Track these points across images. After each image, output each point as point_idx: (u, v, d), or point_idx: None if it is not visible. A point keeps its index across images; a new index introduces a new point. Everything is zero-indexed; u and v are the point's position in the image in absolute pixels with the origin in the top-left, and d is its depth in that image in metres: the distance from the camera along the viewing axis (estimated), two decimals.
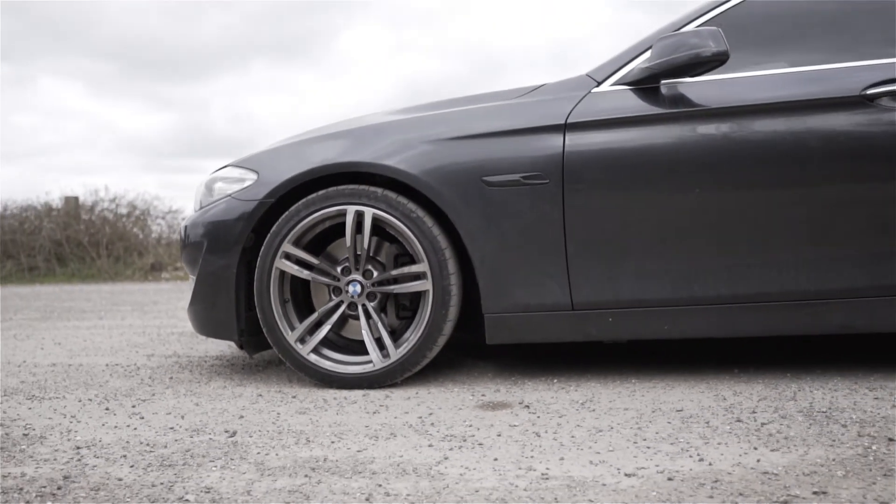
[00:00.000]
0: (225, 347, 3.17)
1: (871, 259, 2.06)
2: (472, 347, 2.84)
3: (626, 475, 1.37)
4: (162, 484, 1.39)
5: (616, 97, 2.17)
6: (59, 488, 1.38)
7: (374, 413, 1.91)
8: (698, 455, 1.48)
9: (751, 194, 2.09)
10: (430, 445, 1.60)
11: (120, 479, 1.42)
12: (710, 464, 1.43)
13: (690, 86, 2.14)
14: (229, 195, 2.35)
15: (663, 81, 2.15)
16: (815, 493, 1.26)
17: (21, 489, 1.38)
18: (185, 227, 2.47)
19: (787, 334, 2.16)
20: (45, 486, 1.39)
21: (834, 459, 1.43)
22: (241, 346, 2.40)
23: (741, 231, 2.09)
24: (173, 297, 6.43)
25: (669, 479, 1.35)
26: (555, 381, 2.23)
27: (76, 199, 11.20)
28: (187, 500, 1.30)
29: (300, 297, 2.38)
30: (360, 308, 2.24)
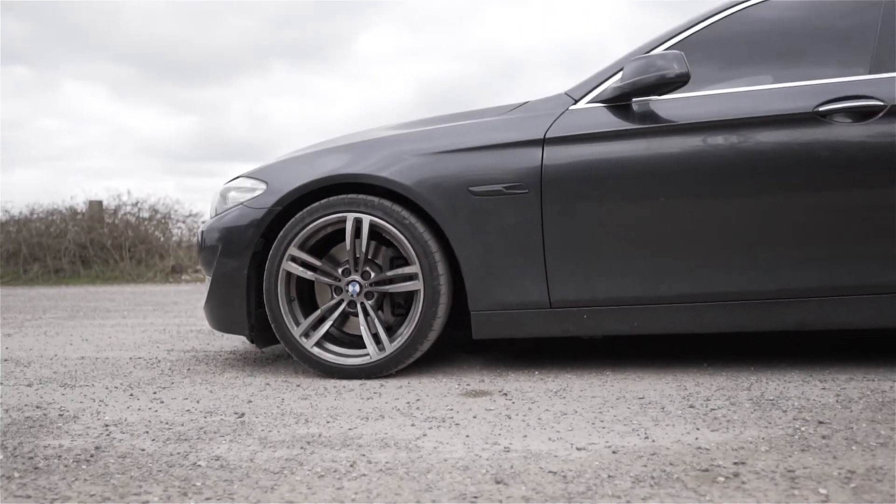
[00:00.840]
0: (238, 344, 3.41)
1: (823, 261, 2.25)
2: (465, 343, 3.06)
3: (577, 449, 1.58)
4: (179, 453, 1.62)
5: (591, 114, 2.38)
6: (91, 456, 1.62)
7: (368, 399, 2.14)
8: (645, 434, 1.69)
9: (712, 202, 2.29)
10: (413, 425, 1.82)
11: (143, 450, 1.66)
12: (654, 441, 1.63)
13: (659, 103, 2.35)
14: (241, 203, 2.59)
15: (634, 99, 2.35)
16: (734, 463, 1.46)
17: (60, 456, 1.62)
18: (202, 231, 2.72)
19: (746, 331, 2.35)
20: (80, 455, 1.63)
21: (763, 438, 1.63)
22: (251, 341, 2.64)
23: (703, 236, 2.29)
24: (193, 298, 6.71)
25: (613, 452, 1.56)
26: (535, 373, 2.44)
27: (100, 203, 11.57)
28: (199, 465, 1.53)
29: (305, 296, 2.61)
30: (358, 306, 2.47)
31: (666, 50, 2.37)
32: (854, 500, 1.25)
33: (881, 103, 2.22)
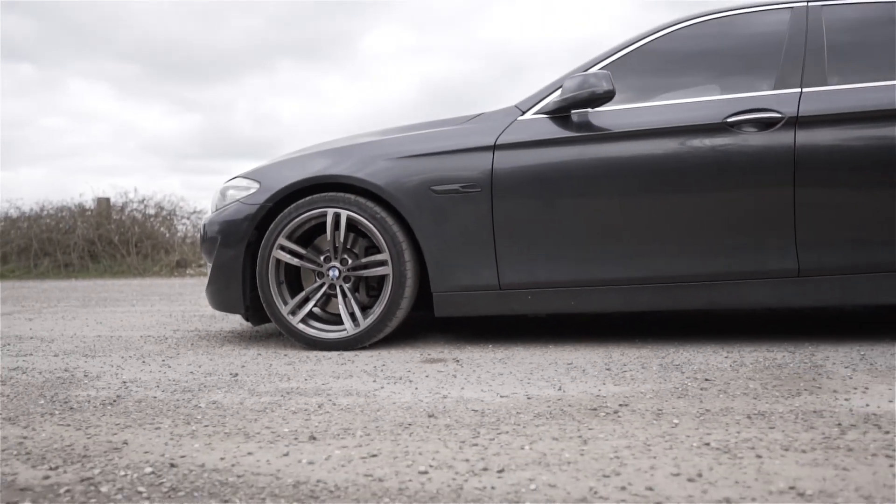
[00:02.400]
0: (236, 326, 3.82)
1: (730, 250, 2.64)
2: (434, 323, 3.46)
3: (500, 396, 1.99)
4: (183, 399, 2.03)
5: (536, 124, 2.78)
6: (114, 401, 2.02)
7: (342, 364, 2.54)
8: (560, 387, 2.09)
9: (637, 199, 2.69)
10: (374, 381, 2.23)
11: (155, 397, 2.06)
12: (564, 391, 2.03)
13: (594, 114, 2.75)
14: (238, 200, 3.00)
15: (573, 111, 2.75)
16: (619, 405, 1.86)
17: (89, 401, 2.02)
18: (204, 225, 3.12)
19: (664, 309, 2.75)
20: (104, 400, 2.03)
21: (653, 390, 2.03)
22: (246, 319, 3.04)
23: (630, 228, 2.68)
24: (197, 290, 7.12)
25: (528, 398, 1.96)
26: (489, 346, 2.85)
27: (108, 200, 12.00)
28: (200, 407, 1.93)
29: (292, 280, 3.01)
30: (338, 288, 2.87)
31: (598, 70, 2.76)
32: (696, 427, 1.64)
33: (780, 115, 2.61)
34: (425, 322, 3.58)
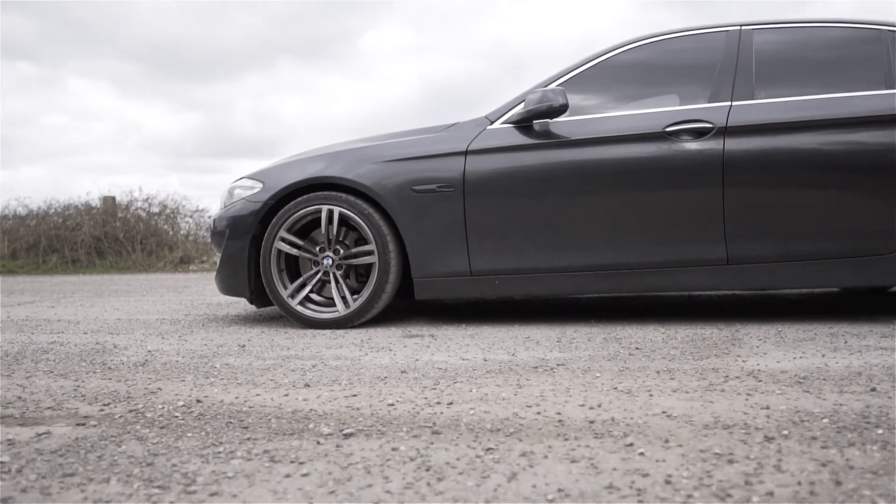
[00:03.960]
0: (241, 310, 4.24)
1: (670, 242, 3.06)
2: (428, 309, 3.89)
3: (462, 359, 2.41)
4: (201, 363, 2.45)
5: (502, 132, 3.20)
6: (143, 364, 2.45)
7: (334, 339, 2.97)
8: (513, 353, 2.51)
9: (591, 197, 3.11)
10: (360, 350, 2.65)
11: (177, 361, 2.49)
12: (515, 356, 2.46)
13: (553, 124, 3.17)
14: (244, 198, 3.42)
15: (535, 121, 3.17)
16: (557, 365, 2.28)
17: (122, 364, 2.45)
18: (214, 220, 3.55)
19: (613, 293, 3.17)
20: (135, 363, 2.46)
21: (590, 356, 2.45)
22: (251, 302, 3.46)
23: (584, 222, 3.10)
24: (201, 283, 7.54)
25: (485, 360, 2.38)
26: (462, 325, 3.27)
27: (113, 198, 12.42)
28: (215, 367, 2.36)
29: (291, 268, 3.43)
30: (331, 275, 3.29)
31: (555, 86, 3.18)
32: (612, 378, 2.06)
33: (712, 125, 3.03)
34: (410, 308, 4.00)
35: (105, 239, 11.77)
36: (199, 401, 1.87)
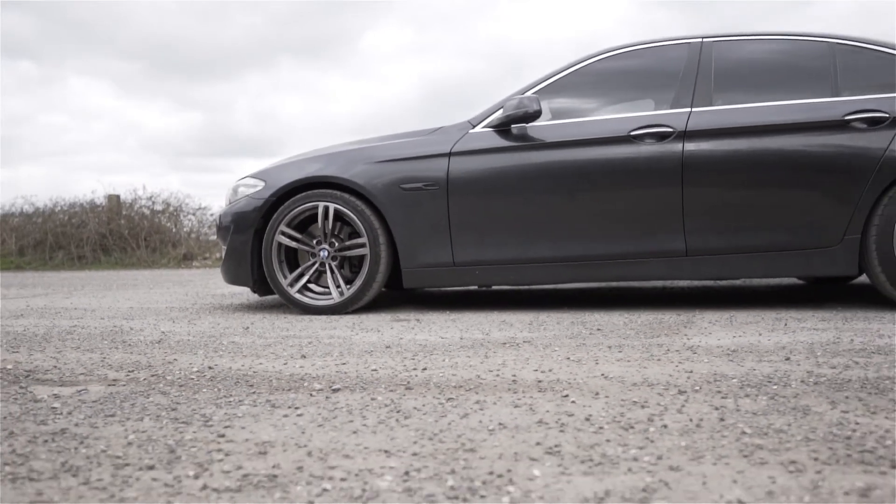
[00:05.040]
0: (244, 299, 4.56)
1: (632, 235, 3.38)
2: (418, 299, 4.20)
3: (441, 338, 2.72)
4: (210, 341, 2.76)
5: (483, 136, 3.51)
6: (159, 341, 2.76)
7: (329, 322, 3.28)
8: (487, 333, 2.82)
9: (563, 194, 3.42)
10: (352, 331, 2.97)
11: (188, 340, 2.80)
12: (489, 335, 2.77)
13: (530, 128, 3.48)
14: (247, 195, 3.73)
15: (513, 126, 3.48)
16: (524, 341, 2.59)
17: (141, 341, 2.76)
18: (220, 215, 3.86)
19: (582, 282, 3.49)
20: (151, 341, 2.77)
21: (555, 335, 2.76)
22: (254, 290, 3.78)
23: (556, 217, 3.41)
24: (204, 278, 7.85)
25: (461, 339, 2.69)
26: (447, 312, 3.59)
27: (118, 197, 12.73)
28: (223, 344, 2.67)
29: (290, 259, 3.74)
30: (327, 265, 3.61)
31: (531, 94, 3.50)
32: (568, 351, 2.37)
33: (672, 129, 3.34)
34: (400, 298, 4.31)
35: (110, 236, 12.09)
36: (210, 367, 2.18)
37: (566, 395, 1.72)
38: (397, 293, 4.61)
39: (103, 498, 1.09)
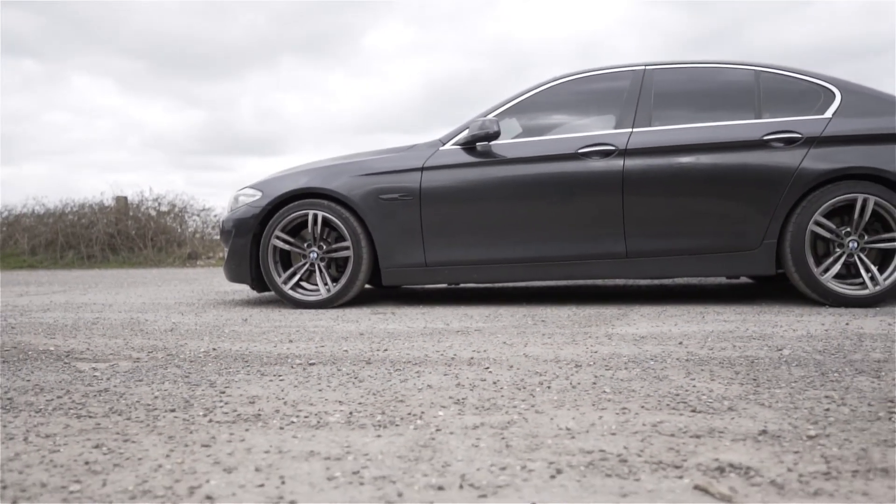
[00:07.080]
0: (243, 296, 5.08)
1: (580, 239, 3.89)
2: (398, 297, 4.72)
3: (407, 327, 3.24)
4: (215, 330, 3.28)
5: (451, 153, 4.03)
6: (170, 330, 3.28)
7: (316, 315, 3.80)
8: (448, 324, 3.34)
9: (520, 203, 3.93)
10: (335, 321, 3.49)
11: (196, 329, 3.32)
12: (449, 325, 3.28)
13: (493, 145, 3.99)
14: (247, 204, 4.25)
15: (477, 144, 4.00)
16: (475, 330, 3.10)
17: (155, 330, 3.29)
18: (223, 221, 4.39)
19: (538, 280, 4.00)
20: (164, 330, 3.29)
21: (503, 325, 3.27)
22: (252, 287, 4.30)
23: (515, 223, 3.93)
24: (209, 276, 8.38)
25: (425, 327, 3.21)
26: (420, 306, 4.10)
27: (125, 198, 13.28)
28: (225, 331, 3.19)
29: (285, 260, 4.27)
30: (316, 265, 4.13)
31: (491, 117, 4.01)
32: (508, 337, 2.88)
33: (614, 147, 3.85)
34: (383, 296, 4.83)
35: (118, 236, 12.63)
36: (214, 349, 2.70)
37: (487, 368, 2.24)
38: (380, 291, 5.13)
39: (142, 427, 1.61)
